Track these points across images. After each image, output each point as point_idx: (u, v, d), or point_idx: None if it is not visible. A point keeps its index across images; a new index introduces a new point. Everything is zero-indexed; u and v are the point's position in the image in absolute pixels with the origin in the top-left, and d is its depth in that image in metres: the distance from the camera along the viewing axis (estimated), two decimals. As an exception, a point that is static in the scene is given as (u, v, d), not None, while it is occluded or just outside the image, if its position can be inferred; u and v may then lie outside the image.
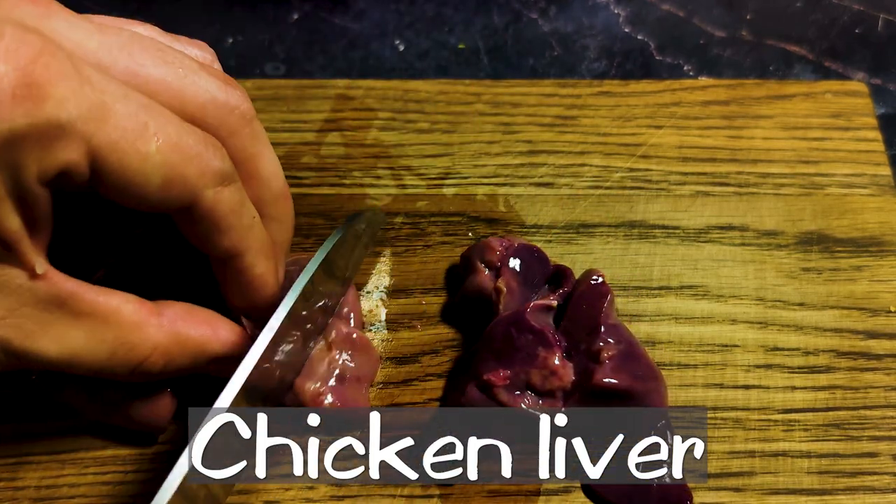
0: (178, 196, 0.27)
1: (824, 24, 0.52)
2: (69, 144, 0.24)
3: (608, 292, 0.34)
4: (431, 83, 0.46)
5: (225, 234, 0.29)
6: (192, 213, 0.28)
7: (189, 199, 0.27)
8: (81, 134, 0.24)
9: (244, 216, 0.29)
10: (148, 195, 0.26)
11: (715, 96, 0.45)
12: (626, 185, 0.42)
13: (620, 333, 0.34)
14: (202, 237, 0.29)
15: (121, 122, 0.25)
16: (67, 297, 0.26)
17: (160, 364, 0.29)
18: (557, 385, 0.32)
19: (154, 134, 0.25)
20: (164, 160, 0.26)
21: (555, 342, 0.33)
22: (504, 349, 0.33)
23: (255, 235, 0.30)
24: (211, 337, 0.30)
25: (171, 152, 0.26)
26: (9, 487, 0.33)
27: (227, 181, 0.28)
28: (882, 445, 0.34)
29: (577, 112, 0.45)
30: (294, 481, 0.33)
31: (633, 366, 0.33)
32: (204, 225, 0.28)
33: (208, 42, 0.32)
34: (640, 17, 0.53)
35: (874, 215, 0.41)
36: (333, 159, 0.43)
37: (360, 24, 0.53)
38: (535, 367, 0.32)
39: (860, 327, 0.37)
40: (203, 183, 0.27)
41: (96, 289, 0.27)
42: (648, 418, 0.33)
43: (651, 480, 0.32)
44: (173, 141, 0.26)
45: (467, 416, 0.32)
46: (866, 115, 0.44)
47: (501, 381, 0.32)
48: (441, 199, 0.41)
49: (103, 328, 0.27)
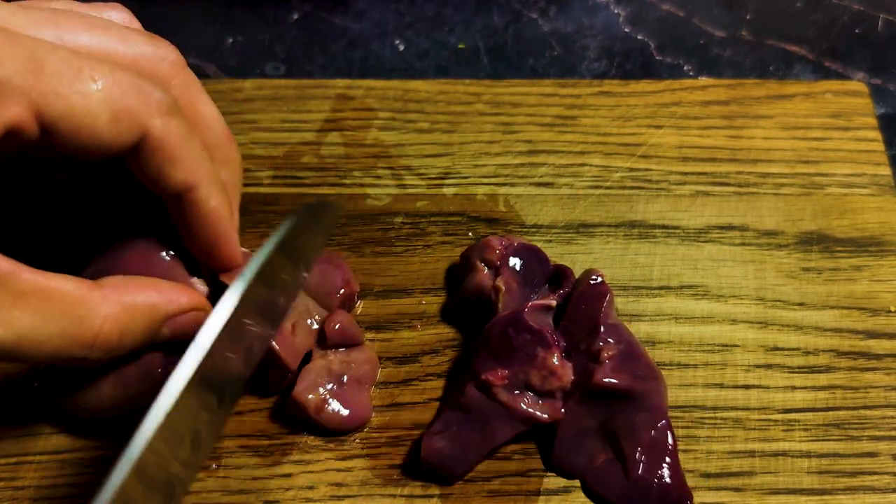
0: (128, 129, 0.28)
1: (824, 24, 0.52)
2: (10, 102, 0.25)
3: (607, 292, 0.34)
4: (431, 83, 0.46)
5: (178, 166, 0.30)
6: (145, 147, 0.29)
7: (139, 130, 0.28)
8: (21, 89, 0.25)
9: (194, 147, 0.30)
10: (99, 134, 0.27)
11: (715, 96, 0.45)
12: (626, 185, 0.42)
13: (620, 333, 0.34)
14: (156, 173, 0.30)
15: (56, 70, 0.26)
16: (5, 277, 0.26)
17: (116, 335, 0.28)
18: (557, 385, 0.32)
19: (90, 76, 0.27)
20: (106, 95, 0.27)
21: (553, 342, 0.33)
22: (502, 349, 0.33)
23: (207, 168, 0.31)
24: (159, 299, 0.30)
25: (111, 88, 0.27)
26: (9, 487, 0.33)
27: (172, 112, 0.29)
28: (882, 445, 0.34)
29: (577, 112, 0.45)
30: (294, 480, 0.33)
31: (633, 366, 0.33)
32: (157, 158, 0.29)
33: (208, 42, 0.32)
34: (640, 17, 0.53)
35: (874, 215, 0.41)
36: (333, 159, 0.43)
37: (360, 24, 0.53)
38: (534, 367, 0.32)
39: (860, 327, 0.37)
40: (149, 112, 0.28)
41: (33, 269, 0.27)
42: (648, 418, 0.33)
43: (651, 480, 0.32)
44: (111, 78, 0.27)
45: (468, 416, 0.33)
46: (866, 115, 0.44)
47: (500, 380, 0.32)
48: (441, 199, 0.41)
49: (47, 305, 0.27)
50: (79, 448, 0.34)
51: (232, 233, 0.33)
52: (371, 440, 0.34)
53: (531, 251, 0.36)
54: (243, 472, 0.33)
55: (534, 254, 0.36)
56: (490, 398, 0.32)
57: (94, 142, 0.27)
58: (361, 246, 0.40)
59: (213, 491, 0.33)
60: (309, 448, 0.34)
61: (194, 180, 0.31)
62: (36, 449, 0.34)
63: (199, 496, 0.33)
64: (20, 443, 0.34)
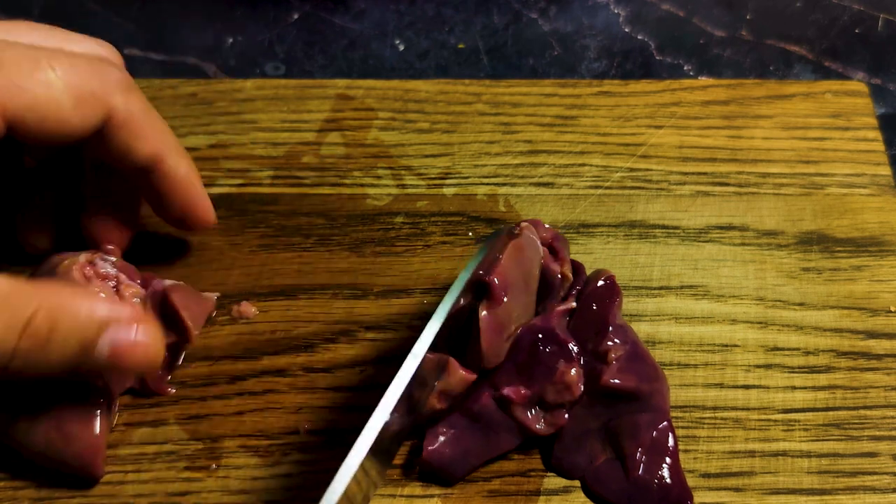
0: (93, 111, 0.29)
1: (824, 24, 0.52)
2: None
3: (618, 293, 0.34)
4: (431, 83, 0.46)
5: (144, 140, 0.31)
6: (110, 125, 0.30)
7: (103, 110, 0.29)
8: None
9: (156, 120, 0.32)
10: (66, 120, 0.28)
11: (715, 96, 0.45)
12: (626, 185, 0.42)
13: (627, 334, 0.34)
14: (124, 149, 0.31)
15: (14, 64, 0.27)
16: None
17: (45, 327, 0.27)
18: (568, 399, 0.32)
19: (48, 64, 0.27)
20: (68, 82, 0.28)
21: (574, 357, 0.32)
22: (528, 363, 0.32)
23: (172, 138, 0.32)
24: (95, 302, 0.28)
25: (70, 74, 0.28)
26: (9, 487, 0.33)
27: (132, 88, 0.30)
28: (882, 445, 0.34)
29: (577, 112, 0.45)
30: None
31: (639, 366, 0.33)
32: (123, 134, 0.30)
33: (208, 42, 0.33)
34: (640, 17, 0.53)
35: (874, 215, 0.41)
36: (333, 159, 0.43)
37: (360, 24, 0.53)
38: (552, 382, 0.32)
39: (860, 327, 0.37)
40: (110, 91, 0.29)
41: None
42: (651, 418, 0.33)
43: (651, 480, 0.32)
44: (69, 64, 0.28)
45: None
46: (866, 115, 0.44)
47: (521, 399, 0.32)
48: (441, 199, 0.41)
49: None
50: (79, 448, 0.34)
51: (204, 195, 0.35)
52: (371, 440, 0.34)
53: (565, 239, 0.36)
54: (243, 472, 0.33)
55: (563, 241, 0.36)
56: (504, 412, 0.32)
57: (60, 128, 0.28)
58: (361, 246, 0.40)
59: (213, 491, 0.33)
60: (309, 448, 0.34)
61: (162, 151, 0.32)
62: (36, 449, 0.34)
63: (199, 496, 0.33)
64: (20, 443, 0.34)
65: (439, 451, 0.32)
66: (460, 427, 0.32)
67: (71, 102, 0.28)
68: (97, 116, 0.29)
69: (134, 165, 0.32)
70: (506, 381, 0.32)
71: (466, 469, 0.33)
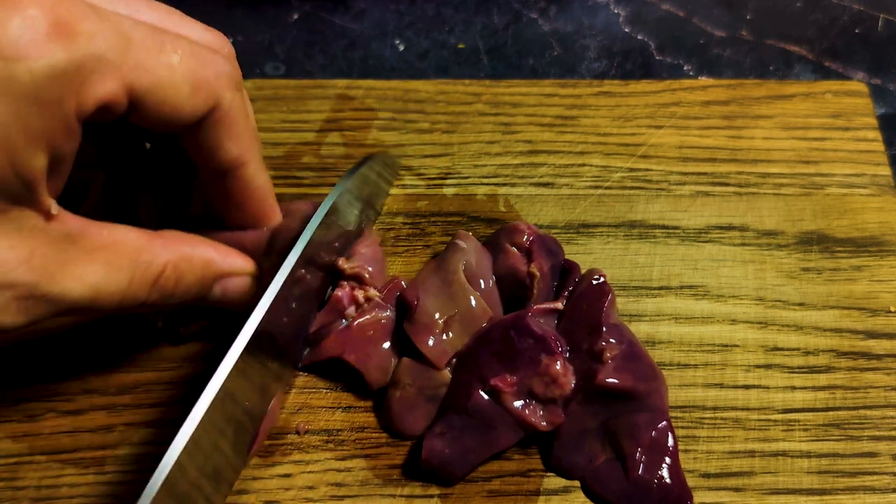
0: (205, 100, 0.29)
1: (824, 24, 0.52)
2: (105, 77, 0.25)
3: (609, 292, 0.34)
4: (431, 83, 0.46)
5: (236, 140, 0.31)
6: (211, 119, 0.29)
7: (213, 101, 0.29)
8: (114, 64, 0.25)
9: (250, 124, 0.32)
10: (181, 106, 0.28)
11: (715, 96, 0.45)
12: (626, 185, 0.42)
13: (622, 334, 0.34)
14: (214, 146, 0.30)
15: (143, 45, 0.26)
16: (78, 235, 0.27)
17: (173, 280, 0.30)
18: (558, 394, 0.32)
19: (172, 48, 0.27)
20: (188, 67, 0.28)
21: (556, 349, 0.33)
22: (504, 351, 0.33)
23: (258, 147, 0.32)
24: (215, 255, 0.32)
25: (191, 60, 0.28)
26: (9, 487, 0.33)
27: (240, 87, 0.30)
28: (882, 445, 0.34)
29: (577, 112, 0.45)
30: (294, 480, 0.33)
31: (636, 366, 0.33)
32: (219, 130, 0.30)
33: (208, 42, 0.33)
34: (640, 17, 0.53)
35: (874, 215, 0.41)
36: (333, 159, 0.43)
37: (360, 24, 0.53)
38: (538, 374, 0.32)
39: (860, 327, 0.37)
40: (222, 84, 0.29)
41: (100, 224, 0.28)
42: (649, 418, 0.33)
43: (651, 480, 0.32)
44: (189, 50, 0.28)
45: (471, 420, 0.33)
46: (866, 115, 0.44)
47: (509, 387, 0.32)
48: (441, 199, 0.41)
49: (116, 257, 0.28)
50: (79, 448, 0.34)
51: (276, 208, 0.35)
52: (371, 440, 0.34)
53: (552, 240, 0.37)
54: (243, 472, 0.33)
55: (554, 243, 0.37)
56: (498, 404, 0.32)
57: (174, 113, 0.28)
58: (361, 246, 0.40)
59: (213, 491, 0.33)
60: (309, 448, 0.34)
61: (247, 157, 0.32)
62: (36, 449, 0.34)
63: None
64: (20, 443, 0.34)
65: (439, 451, 0.32)
66: (459, 426, 0.32)
67: (188, 89, 0.28)
68: (206, 107, 0.29)
69: (218, 165, 0.31)
70: (490, 372, 0.33)
71: (466, 468, 0.33)
